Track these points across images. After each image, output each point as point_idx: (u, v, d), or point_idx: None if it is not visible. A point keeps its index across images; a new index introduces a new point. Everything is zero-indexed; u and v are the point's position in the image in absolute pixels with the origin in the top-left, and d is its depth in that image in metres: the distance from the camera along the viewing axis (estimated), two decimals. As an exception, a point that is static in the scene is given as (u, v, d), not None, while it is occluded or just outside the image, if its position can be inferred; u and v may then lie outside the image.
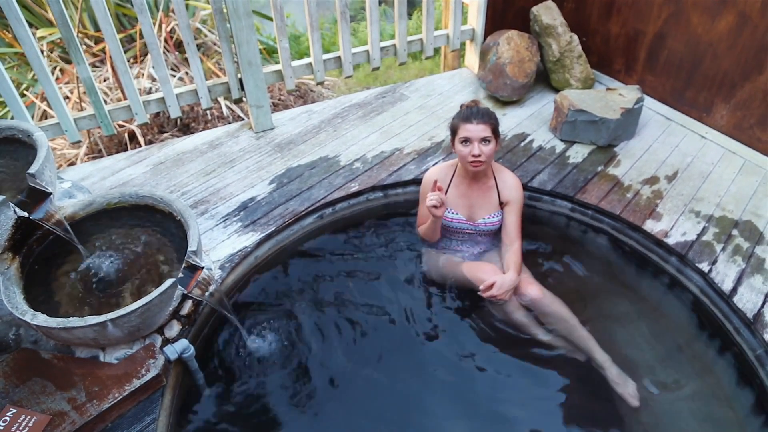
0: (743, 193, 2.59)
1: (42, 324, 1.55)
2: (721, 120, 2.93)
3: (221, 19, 2.75)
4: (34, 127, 1.98)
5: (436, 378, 2.12)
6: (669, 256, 2.34)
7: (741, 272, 2.20)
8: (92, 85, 2.67)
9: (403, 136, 3.06)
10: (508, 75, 3.20)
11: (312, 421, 1.99)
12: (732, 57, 2.75)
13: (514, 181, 2.29)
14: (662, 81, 3.17)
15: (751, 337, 2.02)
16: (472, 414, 2.02)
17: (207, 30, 4.23)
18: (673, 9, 2.93)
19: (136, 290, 1.84)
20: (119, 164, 2.86)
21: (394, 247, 2.58)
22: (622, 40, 3.29)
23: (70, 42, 2.52)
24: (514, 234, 2.25)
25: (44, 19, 3.84)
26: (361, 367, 2.14)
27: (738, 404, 2.00)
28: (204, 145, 3.02)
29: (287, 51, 3.01)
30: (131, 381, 1.67)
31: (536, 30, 3.35)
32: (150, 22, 2.64)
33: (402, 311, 2.33)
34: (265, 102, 3.05)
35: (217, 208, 2.54)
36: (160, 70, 2.77)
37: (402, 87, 3.58)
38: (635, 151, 2.89)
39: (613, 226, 2.52)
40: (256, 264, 2.37)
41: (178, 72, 3.86)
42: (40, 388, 1.65)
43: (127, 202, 2.02)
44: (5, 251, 1.75)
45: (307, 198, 2.60)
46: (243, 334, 2.12)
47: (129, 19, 4.13)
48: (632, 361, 2.12)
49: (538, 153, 2.89)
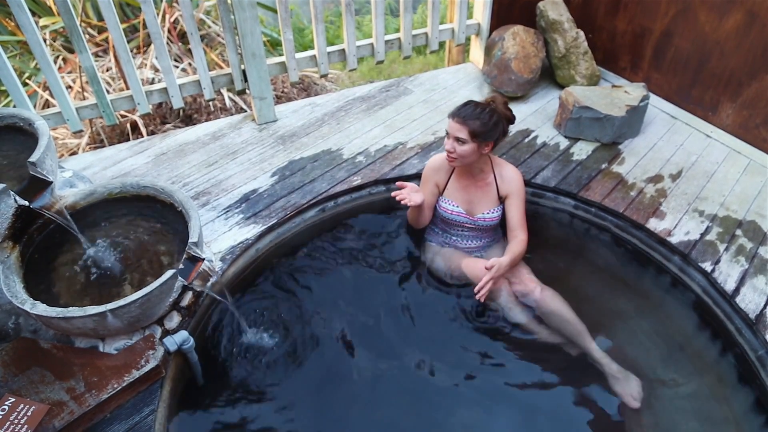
0: (748, 193, 2.58)
1: (41, 313, 1.55)
2: (727, 119, 2.91)
3: (225, 10, 2.73)
4: (36, 116, 1.97)
5: (435, 374, 2.11)
6: (672, 255, 2.33)
7: (744, 272, 2.19)
8: (95, 74, 2.65)
9: (406, 130, 3.04)
10: (513, 70, 3.18)
11: (311, 413, 1.99)
12: (739, 56, 2.72)
13: (513, 173, 2.28)
14: (668, 79, 3.15)
15: (752, 337, 2.01)
16: (473, 411, 2.01)
17: (211, 21, 4.21)
18: (680, 6, 2.91)
19: (136, 281, 1.83)
20: (121, 154, 2.85)
21: (395, 241, 2.57)
22: (628, 37, 3.27)
23: (72, 30, 2.50)
24: (517, 227, 2.24)
25: (47, 7, 3.82)
26: (362, 361, 2.14)
27: (738, 404, 1.99)
28: (206, 136, 3.01)
29: (291, 42, 2.99)
30: (130, 372, 1.66)
31: (542, 25, 3.33)
32: (153, 11, 2.62)
33: (401, 304, 2.32)
34: (268, 94, 3.03)
35: (218, 200, 2.53)
36: (163, 60, 2.76)
37: (406, 81, 3.56)
38: (640, 149, 2.88)
39: (616, 224, 2.51)
40: (257, 256, 2.37)
41: (181, 63, 3.84)
42: (39, 377, 1.65)
43: (129, 192, 2.01)
44: (5, 240, 1.74)
45: (309, 191, 2.58)
46: (243, 326, 2.11)
47: (132, 9, 4.12)
48: (633, 360, 2.11)
49: (542, 149, 2.88)
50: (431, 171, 2.34)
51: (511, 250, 2.17)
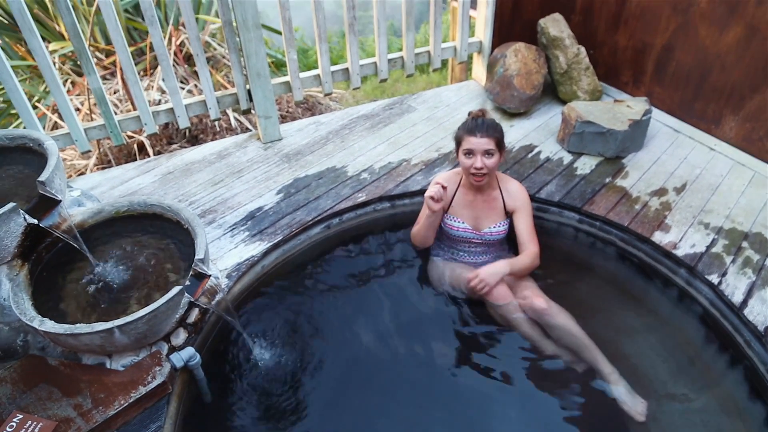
0: (753, 205, 2.57)
1: (50, 330, 1.56)
2: (730, 132, 2.91)
3: (230, 31, 2.78)
4: (45, 136, 2.00)
5: (439, 388, 2.11)
6: (678, 267, 2.32)
7: (751, 284, 2.18)
8: (102, 96, 2.70)
9: (410, 147, 3.07)
10: (515, 87, 3.21)
11: (318, 429, 1.98)
12: (740, 69, 2.74)
13: (518, 188, 2.30)
14: (670, 93, 3.17)
15: (762, 349, 1.99)
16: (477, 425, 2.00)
17: (216, 43, 4.28)
18: (680, 21, 2.94)
19: (143, 298, 1.84)
20: (128, 174, 2.88)
21: (401, 258, 2.57)
22: (629, 52, 3.29)
23: (81, 53, 2.55)
24: (527, 240, 2.25)
25: (56, 33, 3.90)
26: (368, 378, 2.13)
27: (749, 417, 1.96)
28: (212, 155, 3.04)
29: (295, 62, 3.04)
30: (137, 388, 1.67)
31: (543, 42, 3.36)
32: (160, 33, 2.67)
33: (407, 322, 2.32)
34: (273, 113, 3.07)
35: (224, 218, 2.55)
36: (170, 81, 2.80)
37: (409, 99, 3.59)
38: (643, 163, 2.88)
39: (621, 237, 2.51)
40: (263, 273, 2.38)
41: (187, 84, 3.90)
42: (47, 394, 1.65)
43: (136, 210, 2.03)
44: (15, 258, 1.76)
45: (314, 208, 2.60)
46: (249, 343, 2.11)
47: (140, 33, 4.19)
48: (640, 374, 2.09)
49: (545, 164, 2.89)
50: None
51: (516, 258, 2.17)
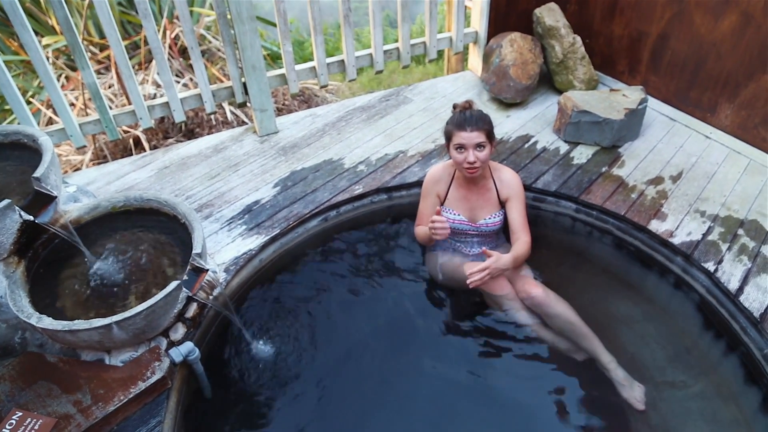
0: (748, 192, 2.58)
1: (47, 327, 1.56)
2: (726, 120, 2.92)
3: (225, 24, 2.76)
4: (40, 132, 1.99)
5: (439, 380, 2.11)
6: (674, 255, 2.33)
7: (747, 271, 2.19)
8: (97, 90, 2.68)
9: (406, 138, 3.06)
10: (511, 77, 3.20)
11: (317, 423, 1.99)
12: (736, 57, 2.74)
13: (511, 176, 2.29)
14: (666, 82, 3.16)
15: (758, 336, 2.01)
16: (475, 414, 2.01)
17: (211, 36, 4.26)
18: (676, 9, 2.93)
19: (141, 293, 1.84)
20: (124, 169, 2.87)
21: (398, 250, 2.58)
22: (625, 41, 3.29)
23: (74, 47, 2.54)
24: (520, 229, 2.24)
25: (49, 26, 3.87)
26: (367, 370, 2.14)
27: (745, 403, 1.98)
28: (208, 149, 3.03)
29: (290, 54, 3.02)
30: (136, 384, 1.67)
31: (539, 32, 3.35)
32: (154, 26, 2.66)
33: (406, 313, 2.32)
34: (269, 106, 3.06)
35: (221, 212, 2.55)
36: (165, 75, 2.79)
37: (405, 90, 3.58)
38: (639, 152, 2.89)
39: (617, 226, 2.51)
40: (261, 267, 2.38)
41: (182, 78, 3.88)
42: (46, 391, 1.65)
43: (132, 205, 2.02)
44: (11, 255, 1.76)
45: (311, 201, 2.60)
46: (247, 336, 2.12)
47: (134, 26, 4.16)
48: (638, 361, 2.11)
49: (542, 154, 2.89)
50: (431, 183, 2.35)
51: (515, 250, 2.17)
